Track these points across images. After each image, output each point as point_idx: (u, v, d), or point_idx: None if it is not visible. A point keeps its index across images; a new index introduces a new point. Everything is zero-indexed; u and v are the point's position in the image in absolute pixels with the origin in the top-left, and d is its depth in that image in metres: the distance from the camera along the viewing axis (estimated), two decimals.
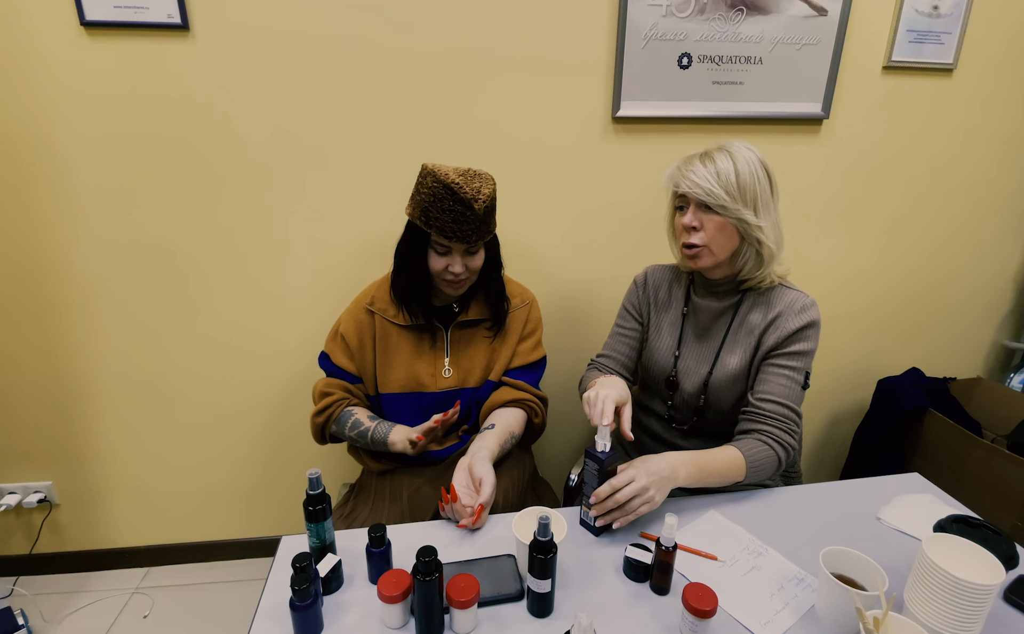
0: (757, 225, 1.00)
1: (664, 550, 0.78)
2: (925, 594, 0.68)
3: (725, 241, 1.02)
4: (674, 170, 1.05)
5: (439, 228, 1.01)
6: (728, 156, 1.00)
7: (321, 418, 1.14)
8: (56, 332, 1.46)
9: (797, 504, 1.00)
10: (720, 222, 1.00)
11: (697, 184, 0.99)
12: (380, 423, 1.11)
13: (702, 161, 1.01)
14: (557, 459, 1.77)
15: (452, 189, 0.99)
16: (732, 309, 1.10)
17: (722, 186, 0.98)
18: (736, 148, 1.01)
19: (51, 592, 1.61)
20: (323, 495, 0.80)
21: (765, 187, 1.01)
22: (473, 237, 1.03)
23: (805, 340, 1.03)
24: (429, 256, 1.07)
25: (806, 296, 1.06)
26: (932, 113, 1.55)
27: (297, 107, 1.35)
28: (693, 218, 1.02)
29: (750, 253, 1.03)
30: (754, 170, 0.99)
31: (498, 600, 0.77)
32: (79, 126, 1.31)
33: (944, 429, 1.58)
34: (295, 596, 0.69)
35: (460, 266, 1.05)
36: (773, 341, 1.04)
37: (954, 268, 1.73)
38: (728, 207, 0.99)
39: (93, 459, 1.60)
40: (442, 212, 1.00)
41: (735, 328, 1.09)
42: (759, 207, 1.00)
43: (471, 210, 1.00)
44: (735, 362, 1.07)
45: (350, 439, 1.14)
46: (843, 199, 1.60)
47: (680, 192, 1.04)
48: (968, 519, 0.83)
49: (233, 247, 1.44)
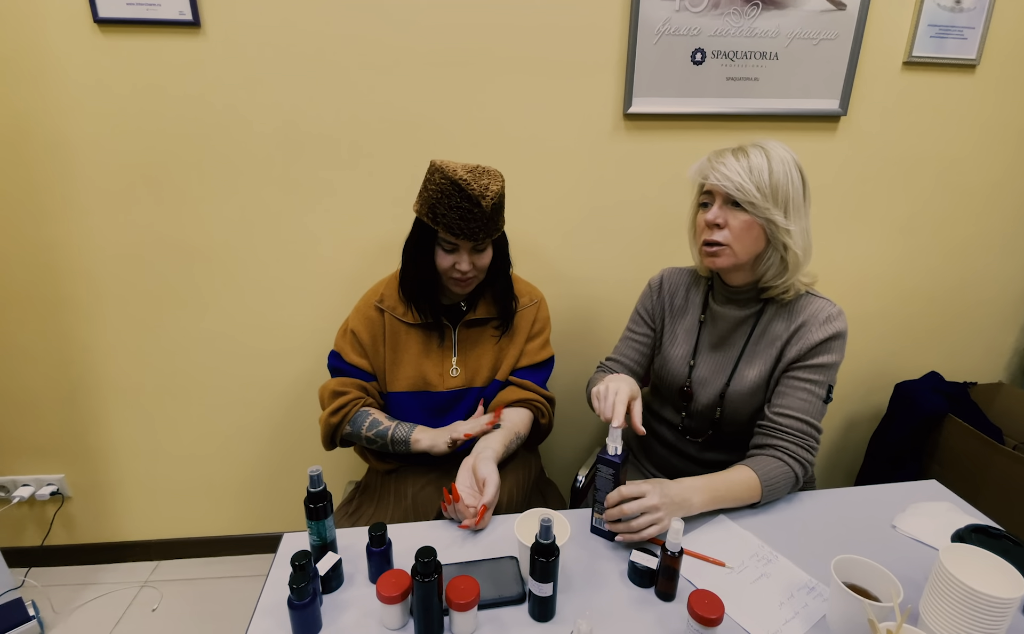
0: (786, 228, 0.94)
1: (670, 555, 0.76)
2: (941, 606, 0.65)
3: (750, 242, 0.96)
4: (703, 163, 1.00)
5: (446, 225, 1.00)
6: (763, 153, 0.95)
7: (336, 418, 1.10)
8: (67, 328, 1.48)
9: (809, 510, 0.97)
10: (747, 221, 0.95)
11: (727, 176, 0.94)
12: (399, 423, 1.09)
13: (735, 155, 0.96)
14: (564, 460, 1.75)
15: (460, 186, 0.97)
16: (753, 318, 1.04)
17: (754, 182, 0.93)
18: (772, 146, 0.96)
19: (62, 584, 1.63)
20: (324, 493, 0.79)
21: (798, 190, 0.96)
22: (480, 234, 1.01)
23: (829, 352, 0.98)
24: (436, 254, 1.06)
25: (832, 305, 1.00)
26: (954, 110, 1.51)
27: (307, 105, 1.35)
28: (718, 213, 0.96)
29: (774, 258, 0.98)
30: (788, 170, 0.94)
31: (499, 603, 0.76)
32: (91, 123, 1.32)
33: (964, 435, 1.53)
34: (293, 594, 0.68)
35: (467, 264, 1.04)
36: (795, 353, 0.98)
37: (975, 269, 1.68)
38: (757, 205, 0.93)
39: (105, 453, 1.61)
40: (449, 209, 0.99)
41: (756, 338, 1.04)
42: (790, 209, 0.95)
43: (478, 207, 0.98)
44: (754, 374, 1.02)
45: (367, 440, 1.10)
46: (860, 198, 1.56)
47: (708, 186, 0.98)
48: (988, 529, 0.80)
49: (242, 244, 1.44)
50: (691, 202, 1.06)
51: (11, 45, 1.26)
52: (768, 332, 1.03)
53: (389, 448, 1.09)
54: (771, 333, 1.02)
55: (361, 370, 1.14)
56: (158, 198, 1.39)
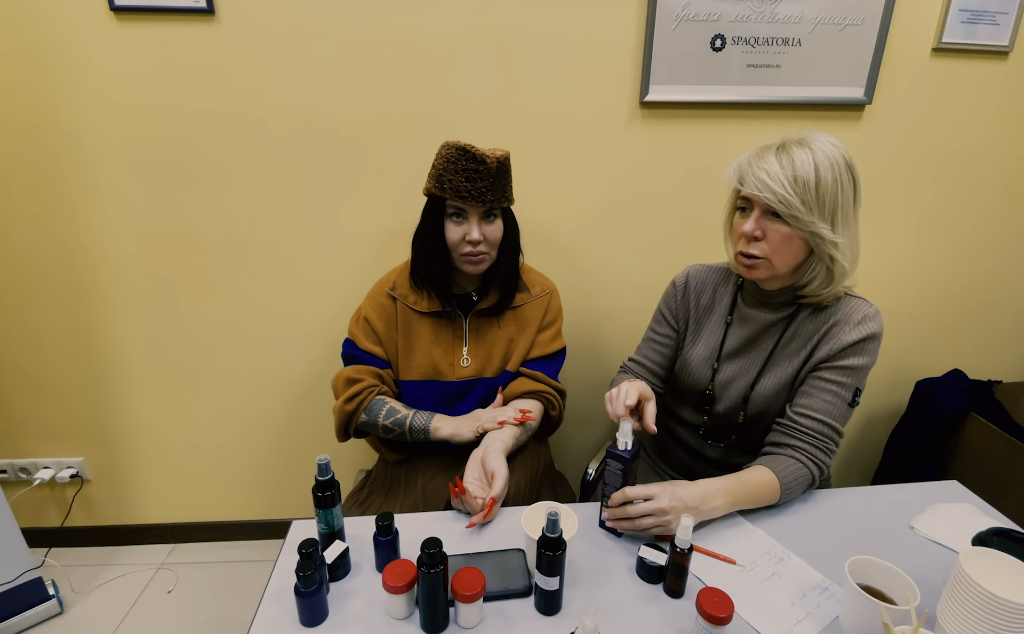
0: (832, 241, 0.86)
1: (679, 552, 0.75)
2: (960, 612, 0.63)
3: (790, 255, 0.89)
4: (742, 163, 0.90)
5: (453, 188, 1.01)
6: (809, 153, 0.85)
7: (351, 405, 1.08)
8: (89, 316, 1.50)
9: (824, 509, 0.95)
10: (787, 234, 0.87)
11: (768, 185, 0.84)
12: (418, 412, 1.09)
13: (777, 156, 0.86)
14: (576, 453, 1.74)
15: (465, 149, 1.00)
16: (785, 322, 0.98)
17: (798, 193, 0.83)
18: (819, 144, 0.86)
19: (81, 564, 1.68)
20: (332, 481, 0.80)
21: (848, 195, 0.86)
22: (488, 196, 1.02)
23: (860, 354, 0.92)
24: (446, 228, 1.06)
25: (869, 305, 0.94)
26: (984, 99, 1.45)
27: (323, 91, 1.34)
28: (756, 226, 0.88)
29: (819, 269, 0.90)
30: (838, 174, 0.85)
31: (505, 595, 0.76)
32: (110, 112, 1.33)
33: (987, 435, 1.49)
34: (300, 582, 0.69)
35: (477, 232, 1.04)
36: (825, 353, 0.93)
37: (1002, 265, 1.63)
38: (801, 218, 0.85)
39: (123, 438, 1.64)
40: (456, 173, 1.00)
41: (785, 342, 0.98)
42: (838, 220, 0.86)
43: (483, 165, 1.00)
44: (782, 377, 0.98)
45: (383, 428, 1.08)
46: (884, 189, 1.51)
47: (745, 192, 0.89)
48: (1011, 532, 0.77)
49: (256, 233, 1.45)
50: (727, 199, 0.98)
51: (30, 34, 1.27)
52: (799, 334, 0.97)
53: (407, 437, 1.08)
54: (802, 335, 0.97)
55: (376, 357, 1.14)
56: (175, 188, 1.40)
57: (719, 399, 1.05)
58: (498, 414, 1.07)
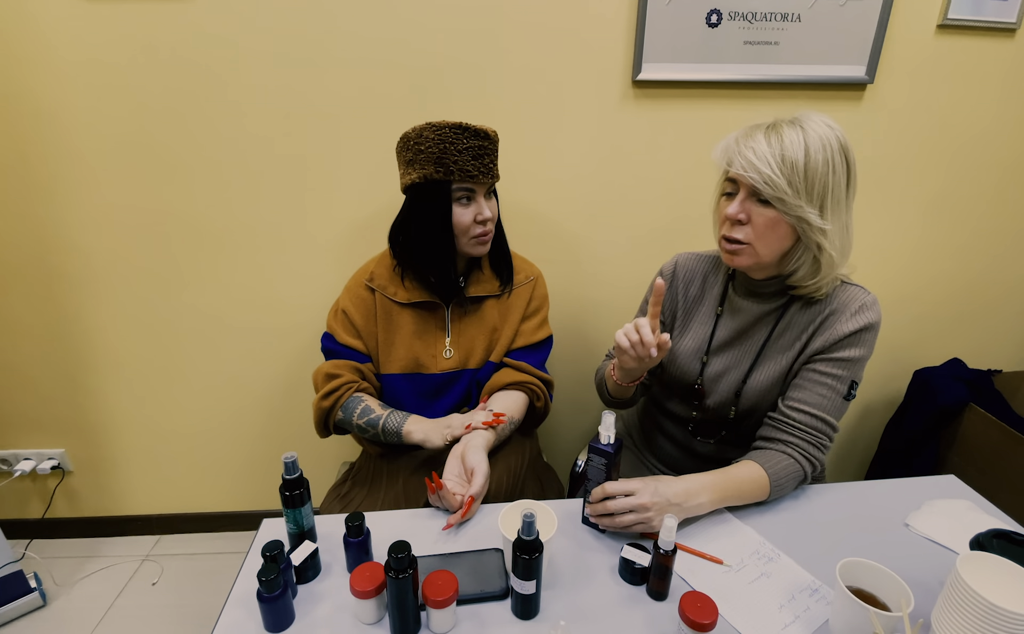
0: (820, 228, 0.82)
1: (662, 554, 0.71)
2: (956, 620, 0.60)
3: (774, 241, 0.85)
4: (729, 143, 0.86)
5: (461, 169, 0.97)
6: (800, 133, 0.80)
7: (328, 402, 1.05)
8: (63, 304, 1.46)
9: (817, 506, 0.92)
10: (773, 218, 0.82)
11: (754, 165, 0.80)
12: (392, 413, 1.05)
13: (767, 135, 0.82)
14: (566, 445, 1.71)
15: (463, 126, 0.97)
16: (777, 313, 0.94)
17: (784, 174, 0.79)
18: (812, 124, 0.81)
19: (64, 556, 1.65)
20: (300, 479, 0.76)
21: (840, 180, 0.82)
22: (494, 170, 1.01)
23: (857, 345, 0.88)
24: (454, 213, 1.01)
25: (866, 293, 0.90)
26: (991, 79, 1.39)
27: (301, 72, 1.28)
28: (740, 209, 0.84)
29: (805, 258, 0.86)
30: (830, 157, 0.80)
31: (480, 598, 0.73)
32: (80, 94, 1.28)
33: (985, 426, 1.45)
34: (262, 587, 0.65)
35: (488, 209, 1.02)
36: (820, 344, 0.89)
37: (1007, 251, 1.58)
38: (787, 201, 0.80)
39: (105, 428, 1.61)
40: (460, 153, 0.96)
41: (778, 333, 0.94)
42: (827, 205, 0.82)
43: (488, 139, 0.98)
44: (775, 370, 0.94)
45: (357, 427, 1.05)
46: (884, 173, 1.46)
47: (732, 173, 0.85)
48: (1012, 535, 0.73)
49: (234, 219, 1.40)
50: (716, 184, 0.93)
51: None
52: (793, 326, 0.93)
53: (381, 438, 1.05)
54: (796, 326, 0.92)
55: (355, 351, 1.10)
56: (150, 173, 1.35)
57: (709, 393, 1.01)
58: (467, 418, 1.02)
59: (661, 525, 0.71)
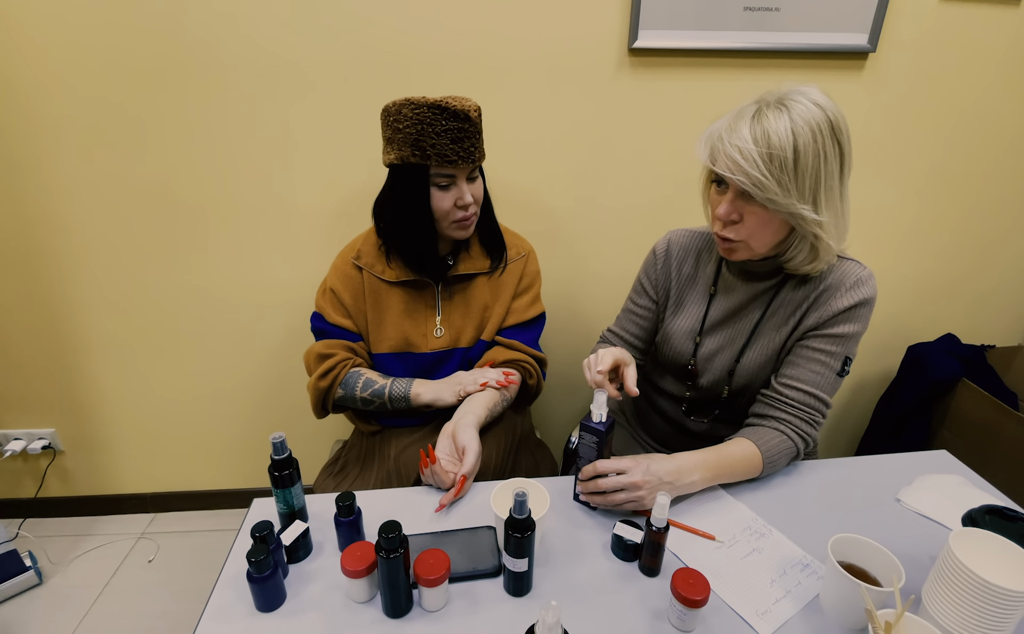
0: (815, 220, 0.78)
1: (655, 531, 0.71)
2: (947, 595, 0.60)
3: (769, 235, 0.82)
4: (714, 135, 0.80)
5: (439, 153, 0.92)
6: (788, 121, 0.74)
7: (325, 382, 1.04)
8: (45, 281, 1.43)
9: (809, 481, 0.92)
10: (765, 216, 0.79)
11: (741, 167, 0.75)
12: (395, 379, 1.04)
13: (752, 127, 0.76)
14: (559, 422, 1.71)
15: (442, 106, 0.91)
16: (772, 291, 0.92)
17: (774, 175, 0.74)
18: (800, 106, 0.75)
19: (59, 535, 1.65)
20: (289, 459, 0.75)
21: (833, 168, 0.77)
22: (475, 154, 0.95)
23: (852, 321, 0.86)
24: (433, 198, 0.97)
25: (862, 267, 0.88)
26: (994, 49, 1.36)
27: (285, 37, 1.23)
28: (731, 209, 0.81)
29: (802, 246, 0.83)
30: (820, 146, 0.75)
31: (473, 576, 0.72)
32: (50, 60, 1.23)
33: (977, 400, 1.46)
34: (252, 568, 0.65)
35: (470, 195, 0.97)
36: (814, 320, 0.87)
37: (1001, 227, 1.57)
38: (779, 201, 0.76)
39: (95, 407, 1.60)
40: (438, 136, 0.91)
41: (772, 311, 0.92)
42: (820, 198, 0.77)
43: (468, 121, 0.92)
44: (769, 348, 0.93)
45: (362, 401, 1.04)
46: (884, 145, 1.43)
47: (717, 172, 0.80)
48: (1004, 510, 0.74)
49: (220, 193, 1.36)
50: (702, 168, 0.89)
51: None
52: (787, 303, 0.91)
53: (388, 406, 1.04)
54: (790, 303, 0.91)
55: (346, 330, 1.08)
56: (128, 143, 1.30)
57: (702, 373, 1.00)
58: (480, 375, 1.02)
59: (653, 503, 0.70)
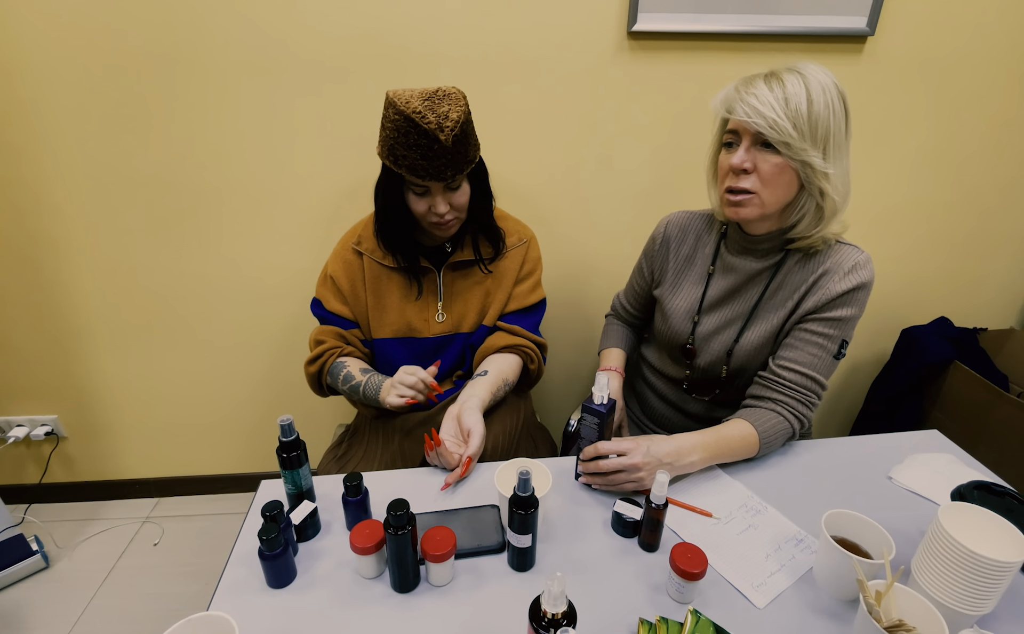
0: (823, 171, 0.82)
1: (654, 507, 0.73)
2: (935, 566, 0.63)
3: (781, 189, 0.85)
4: (729, 92, 0.85)
5: (409, 167, 0.91)
6: (800, 79, 0.81)
7: (313, 368, 1.09)
8: (47, 268, 1.43)
9: (803, 460, 0.94)
10: (779, 164, 0.82)
11: (759, 110, 0.80)
12: (372, 376, 1.05)
13: (767, 83, 0.82)
14: (559, 405, 1.73)
15: (413, 121, 0.86)
16: (771, 271, 0.94)
17: (790, 117, 0.80)
18: (810, 71, 0.83)
19: (64, 520, 1.67)
20: (297, 441, 0.77)
21: (840, 124, 0.83)
22: (448, 172, 0.91)
23: (849, 305, 0.88)
24: (408, 198, 0.98)
25: (860, 251, 0.90)
26: (992, 32, 1.36)
27: (283, 21, 1.23)
28: (746, 157, 0.84)
29: (809, 206, 0.86)
30: (830, 100, 0.81)
31: (478, 552, 0.75)
32: (54, 45, 1.22)
33: (969, 382, 1.49)
34: (263, 545, 0.67)
35: (443, 205, 0.96)
36: (812, 304, 0.89)
37: (995, 210, 1.58)
38: (793, 145, 0.80)
39: (98, 393, 1.61)
40: (408, 149, 0.89)
41: (771, 292, 0.94)
42: (830, 148, 0.82)
43: (438, 142, 0.87)
44: (767, 329, 0.94)
45: (344, 393, 1.08)
46: (882, 128, 1.44)
47: (734, 122, 0.85)
48: (991, 486, 0.76)
49: (220, 178, 1.36)
50: (712, 138, 0.93)
51: None
52: (787, 284, 0.93)
53: (364, 403, 1.07)
54: (790, 284, 0.93)
55: (341, 318, 1.10)
56: (127, 130, 1.30)
57: (700, 353, 1.01)
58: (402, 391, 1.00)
59: (652, 483, 0.72)
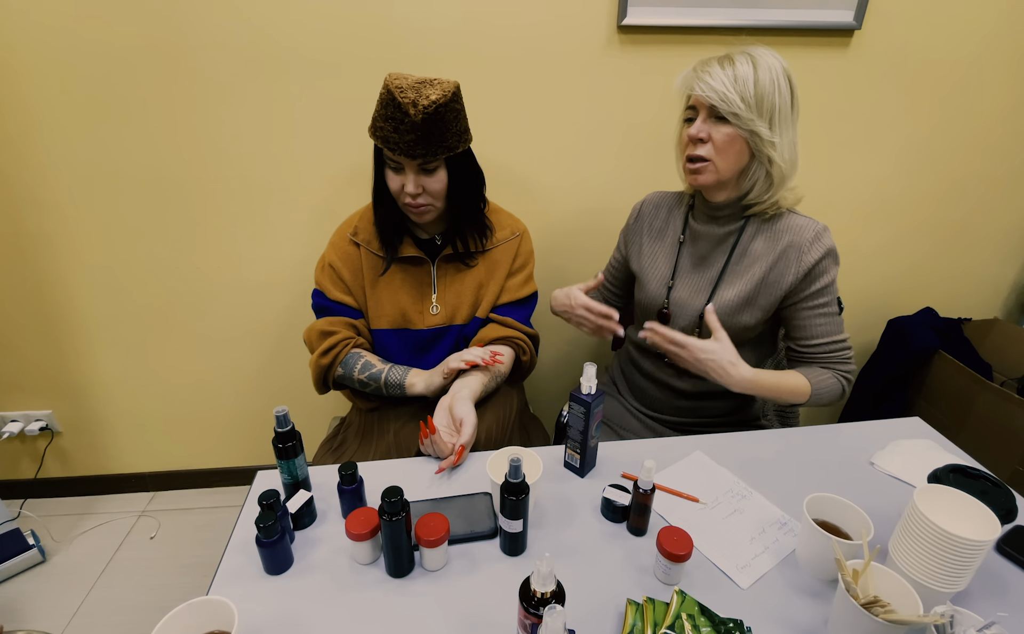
0: (770, 141, 0.93)
1: (642, 493, 0.75)
2: (911, 546, 0.65)
3: (733, 156, 0.95)
4: (689, 73, 0.98)
5: (383, 139, 0.95)
6: (750, 61, 0.92)
7: (327, 359, 1.06)
8: (39, 263, 1.43)
9: (788, 447, 0.97)
10: (730, 134, 0.93)
11: (711, 87, 0.92)
12: (393, 367, 1.06)
13: (721, 64, 0.93)
14: (551, 397, 1.75)
15: (392, 95, 0.91)
16: (734, 236, 1.04)
17: (738, 92, 0.91)
18: (760, 54, 0.93)
19: (60, 514, 1.68)
20: (292, 432, 0.78)
21: (785, 99, 0.93)
22: (418, 150, 0.94)
23: (827, 272, 0.99)
24: (386, 176, 1.01)
25: (815, 222, 1.00)
26: (979, 25, 1.38)
27: (277, 14, 1.23)
28: (702, 127, 0.95)
29: (759, 172, 0.97)
30: (775, 78, 0.92)
31: (471, 537, 0.76)
32: (45, 40, 1.22)
33: (953, 371, 1.52)
34: (260, 533, 0.68)
35: (413, 185, 0.98)
36: (793, 279, 0.98)
37: (980, 201, 1.61)
38: (741, 116, 0.91)
39: (92, 388, 1.61)
40: (385, 120, 0.94)
41: (737, 257, 1.03)
42: (775, 120, 0.93)
43: (408, 117, 0.91)
44: (734, 293, 1.02)
45: (359, 382, 1.06)
46: (868, 121, 1.46)
47: (692, 98, 0.96)
48: (966, 469, 0.79)
49: (211, 170, 1.37)
50: (678, 117, 1.03)
51: None
52: (750, 251, 1.02)
53: (383, 391, 1.07)
54: (753, 251, 1.02)
55: (347, 307, 1.11)
56: (119, 124, 1.30)
57: (675, 316, 1.09)
58: (468, 354, 1.03)
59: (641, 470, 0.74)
